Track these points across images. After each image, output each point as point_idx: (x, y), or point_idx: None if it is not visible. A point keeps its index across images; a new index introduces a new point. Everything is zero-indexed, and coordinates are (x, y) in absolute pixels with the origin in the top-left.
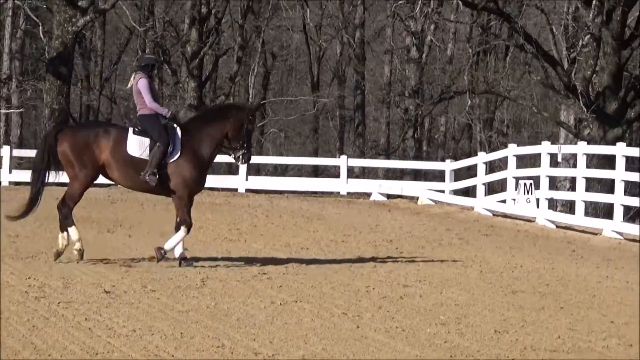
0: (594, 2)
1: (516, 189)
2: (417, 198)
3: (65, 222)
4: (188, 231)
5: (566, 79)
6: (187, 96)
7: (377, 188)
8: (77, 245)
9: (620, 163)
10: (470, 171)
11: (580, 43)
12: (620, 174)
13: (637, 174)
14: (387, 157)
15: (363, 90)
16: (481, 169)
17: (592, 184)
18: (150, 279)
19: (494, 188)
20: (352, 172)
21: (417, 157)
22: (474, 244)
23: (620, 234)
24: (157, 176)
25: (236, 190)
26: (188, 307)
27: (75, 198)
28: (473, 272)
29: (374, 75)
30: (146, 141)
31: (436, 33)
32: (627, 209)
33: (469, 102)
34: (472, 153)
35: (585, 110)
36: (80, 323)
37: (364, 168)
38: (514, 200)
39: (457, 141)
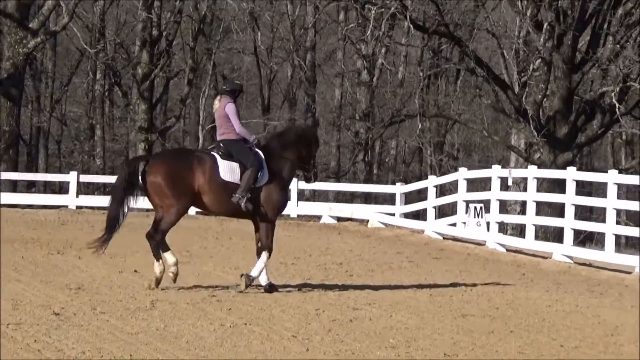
0: (545, 26)
1: (466, 213)
2: (368, 221)
3: (160, 249)
4: (269, 256)
5: (517, 103)
6: (137, 118)
7: (327, 211)
8: (173, 269)
9: (571, 187)
10: (421, 194)
11: (531, 67)
12: (570, 198)
13: (587, 198)
14: (338, 180)
15: (314, 113)
16: (431, 193)
17: (543, 208)
18: (99, 301)
19: (444, 211)
20: (302, 195)
21: (368, 180)
22: (424, 267)
23: (570, 257)
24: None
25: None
26: (137, 329)
27: (169, 227)
28: (423, 295)
29: (324, 98)
30: (235, 165)
31: (387, 56)
32: (577, 233)
33: (420, 125)
34: (422, 176)
35: (536, 134)
36: (29, 345)
37: (314, 191)
38: (464, 223)
39: (408, 164)
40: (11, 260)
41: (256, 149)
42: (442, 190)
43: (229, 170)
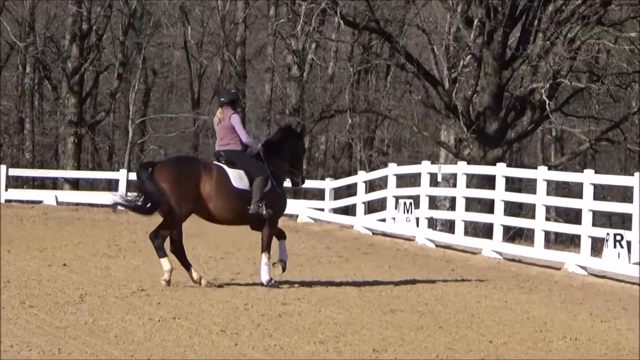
0: (475, 22)
1: (396, 208)
2: (297, 216)
3: (160, 252)
4: (269, 256)
5: (447, 99)
6: (67, 112)
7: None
8: (166, 276)
9: (500, 183)
10: (350, 190)
11: (461, 63)
12: (500, 194)
13: (517, 194)
14: None
15: (244, 108)
16: (361, 188)
17: (472, 204)
18: (28, 295)
19: (373, 207)
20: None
21: None
22: (353, 263)
23: (500, 253)
24: None
25: (116, 206)
26: (66, 323)
27: (172, 231)
28: (352, 290)
29: (254, 93)
30: (243, 173)
31: (317, 51)
32: (506, 228)
33: (350, 120)
34: (352, 172)
35: (466, 130)
36: None
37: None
38: (394, 219)
39: (337, 160)
40: None
41: (257, 158)
42: (371, 186)
43: (238, 178)
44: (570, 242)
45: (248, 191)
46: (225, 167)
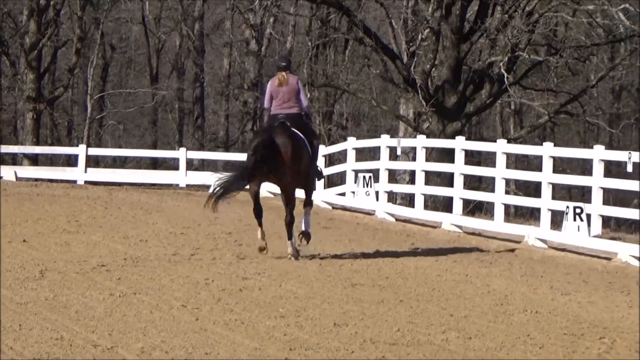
0: None
1: (355, 182)
2: None
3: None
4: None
5: (405, 73)
6: (25, 87)
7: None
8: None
9: (459, 157)
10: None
11: (419, 37)
12: (459, 168)
13: (476, 167)
14: (226, 149)
15: (202, 82)
16: (320, 162)
17: (432, 178)
18: None
19: (333, 181)
20: (191, 165)
21: None
22: (313, 237)
23: (460, 227)
24: None
25: (75, 182)
26: (27, 299)
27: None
28: (312, 265)
29: (213, 68)
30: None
31: (275, 26)
32: (466, 202)
33: (309, 95)
34: None
35: (425, 103)
36: None
37: (203, 160)
38: (354, 193)
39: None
40: None
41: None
42: (331, 160)
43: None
44: (530, 215)
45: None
46: (299, 133)
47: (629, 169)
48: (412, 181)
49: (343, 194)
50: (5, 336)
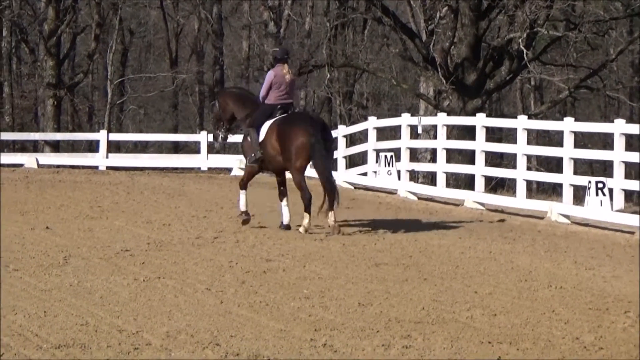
0: None
1: (377, 162)
2: None
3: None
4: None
5: (425, 51)
6: (45, 74)
7: (237, 163)
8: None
9: (480, 134)
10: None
11: (437, 15)
12: (480, 145)
13: (498, 144)
14: None
15: (222, 65)
16: (341, 142)
17: (453, 155)
18: (12, 259)
19: (354, 161)
20: (212, 148)
21: None
22: (337, 217)
23: (482, 204)
24: None
25: (97, 167)
26: (51, 286)
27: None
28: (336, 245)
29: (232, 51)
30: None
31: (293, 7)
32: (488, 179)
33: (328, 75)
34: (332, 126)
35: (445, 81)
36: None
37: (224, 143)
38: (375, 172)
39: (317, 114)
40: None
41: None
42: (352, 140)
43: None
44: (552, 191)
45: None
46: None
47: None
48: (433, 159)
49: (365, 174)
50: (30, 323)
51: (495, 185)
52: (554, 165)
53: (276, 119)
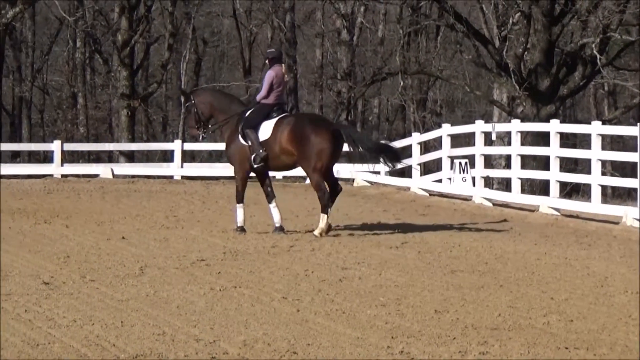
0: None
1: (451, 169)
2: (353, 180)
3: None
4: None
5: (498, 57)
6: (119, 85)
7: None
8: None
9: (555, 140)
10: (405, 152)
11: (510, 21)
12: (554, 151)
13: (572, 150)
14: None
15: (295, 74)
16: (416, 150)
17: (527, 161)
18: (89, 269)
19: (429, 168)
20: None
21: None
22: (411, 225)
23: (557, 210)
24: None
25: (172, 177)
26: (127, 296)
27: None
28: (411, 252)
29: (305, 59)
30: None
31: (366, 15)
32: (562, 185)
33: (402, 83)
34: (406, 134)
35: (518, 88)
36: (20, 315)
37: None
38: (450, 179)
39: (391, 122)
40: None
41: None
42: (426, 147)
43: None
44: (627, 195)
45: None
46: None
47: None
48: (508, 166)
49: (439, 181)
50: (107, 333)
51: (570, 191)
52: (629, 170)
53: (281, 118)
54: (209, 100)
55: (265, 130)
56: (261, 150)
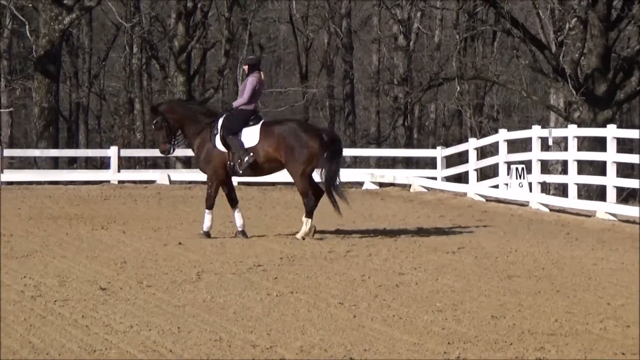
0: None
1: (508, 174)
2: (410, 186)
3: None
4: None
5: (554, 62)
6: (176, 90)
7: (369, 177)
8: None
9: (611, 145)
10: (462, 157)
11: (567, 26)
12: (611, 156)
13: (629, 155)
14: (378, 145)
15: (352, 79)
16: (472, 155)
17: (584, 167)
18: (145, 275)
19: (486, 173)
20: (343, 162)
21: (408, 145)
22: (467, 230)
23: (614, 215)
24: None
25: None
26: (184, 302)
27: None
28: (468, 258)
29: (362, 64)
30: None
31: (423, 20)
32: (619, 190)
33: (458, 88)
34: (462, 139)
35: (575, 93)
36: (77, 321)
37: (355, 157)
38: (507, 185)
39: (448, 128)
40: (56, 237)
41: None
42: (483, 153)
43: None
44: None
45: None
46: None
47: None
48: (564, 171)
49: (496, 186)
50: (164, 339)
51: (627, 196)
52: None
53: (266, 124)
54: (179, 112)
55: (251, 136)
56: (247, 158)
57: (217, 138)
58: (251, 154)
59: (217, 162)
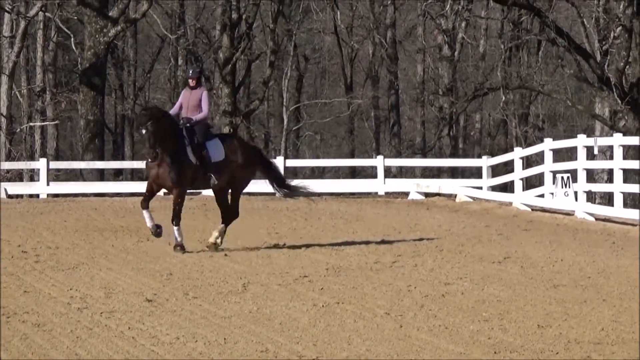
0: None
1: (554, 183)
2: (455, 195)
3: None
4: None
5: (599, 72)
6: (221, 102)
7: (414, 187)
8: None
9: None
10: (507, 167)
11: (611, 35)
12: None
13: None
14: (424, 155)
15: (397, 90)
16: (518, 164)
17: (630, 175)
18: (191, 286)
19: (531, 183)
20: (389, 172)
21: (454, 155)
22: (513, 240)
23: None
24: None
25: (274, 194)
26: (230, 313)
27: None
28: (514, 267)
29: (407, 75)
30: None
31: (467, 30)
32: None
33: (503, 97)
34: (508, 149)
35: (620, 101)
36: (123, 332)
37: (400, 167)
38: (552, 194)
39: (493, 137)
40: (102, 249)
41: None
42: (528, 162)
43: None
44: None
45: None
46: None
47: None
48: (610, 180)
49: (542, 196)
50: (210, 350)
51: None
52: None
53: (223, 137)
54: (164, 127)
55: (217, 150)
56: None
57: (190, 150)
58: (223, 168)
59: (186, 176)
